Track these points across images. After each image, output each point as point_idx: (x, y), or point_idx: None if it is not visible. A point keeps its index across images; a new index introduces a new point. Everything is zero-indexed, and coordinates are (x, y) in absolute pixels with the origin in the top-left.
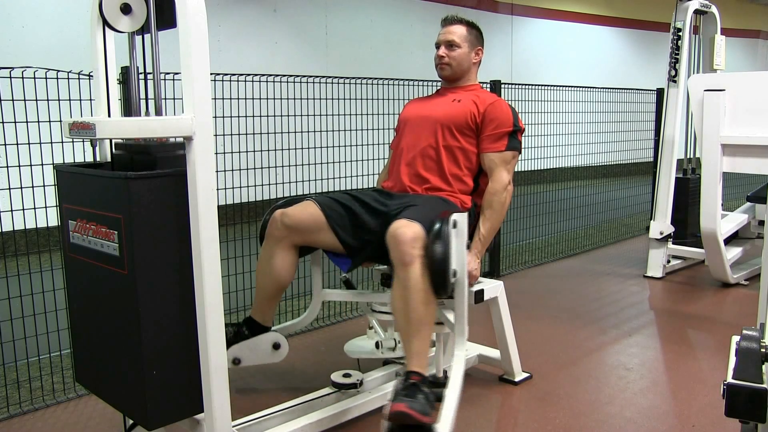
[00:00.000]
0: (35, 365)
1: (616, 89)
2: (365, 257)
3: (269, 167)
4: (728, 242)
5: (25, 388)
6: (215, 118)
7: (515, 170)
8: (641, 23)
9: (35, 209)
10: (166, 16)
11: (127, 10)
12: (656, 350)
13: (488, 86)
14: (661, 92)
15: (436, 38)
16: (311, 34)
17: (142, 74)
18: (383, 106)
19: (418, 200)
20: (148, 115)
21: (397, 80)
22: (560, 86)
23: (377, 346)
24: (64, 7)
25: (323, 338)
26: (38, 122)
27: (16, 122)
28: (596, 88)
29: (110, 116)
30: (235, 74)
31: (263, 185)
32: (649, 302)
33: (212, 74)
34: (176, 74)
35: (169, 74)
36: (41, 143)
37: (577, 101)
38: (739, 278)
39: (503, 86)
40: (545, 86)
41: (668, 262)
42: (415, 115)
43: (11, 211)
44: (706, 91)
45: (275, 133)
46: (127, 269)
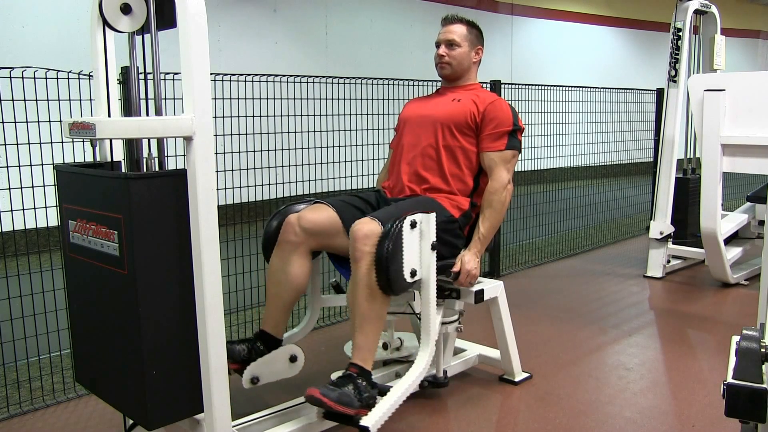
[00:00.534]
0: (35, 365)
1: (616, 89)
2: None
3: (269, 167)
4: (728, 242)
5: (25, 388)
6: (215, 118)
7: (515, 170)
8: (641, 23)
9: (35, 209)
10: (166, 16)
11: (127, 10)
12: (656, 350)
13: (488, 86)
14: (661, 92)
15: (436, 38)
16: (311, 34)
17: (142, 74)
18: (383, 106)
19: (404, 202)
20: (148, 115)
21: (397, 80)
22: (560, 86)
23: (385, 347)
24: (64, 7)
25: (323, 338)
26: (38, 122)
27: (16, 122)
28: (596, 88)
29: (110, 116)
30: (235, 74)
31: (263, 185)
32: (649, 302)
33: (212, 74)
34: (176, 74)
35: (169, 74)
36: (41, 143)
37: (577, 101)
38: (739, 278)
39: (503, 86)
40: (545, 86)
41: (668, 262)
42: (415, 114)
43: (11, 211)
44: (706, 91)
45: (275, 133)
46: (127, 269)
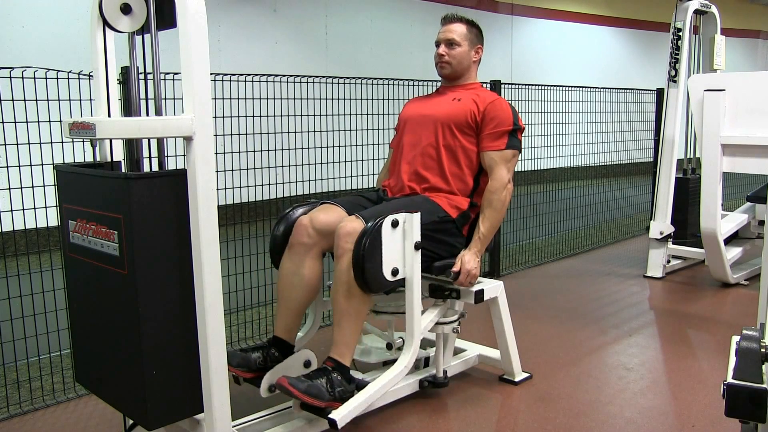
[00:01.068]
0: (35, 365)
1: (616, 89)
2: None
3: (269, 167)
4: (728, 242)
5: (25, 388)
6: (215, 118)
7: (515, 170)
8: (641, 23)
9: (35, 209)
10: (166, 16)
11: (127, 10)
12: (656, 350)
13: (488, 86)
14: (661, 92)
15: (435, 37)
16: (311, 34)
17: (142, 74)
18: (383, 106)
19: (396, 201)
20: (148, 115)
21: (397, 80)
22: (560, 86)
23: (388, 347)
24: (64, 7)
25: (323, 338)
26: (38, 122)
27: (16, 122)
28: (596, 88)
29: (110, 116)
30: (235, 74)
31: (263, 185)
32: (649, 302)
33: (212, 74)
34: (176, 74)
35: (169, 74)
36: (41, 143)
37: (577, 101)
38: (739, 278)
39: (503, 86)
40: (545, 86)
41: (668, 262)
42: (415, 114)
43: (11, 211)
44: (706, 91)
45: (275, 133)
46: (127, 269)
